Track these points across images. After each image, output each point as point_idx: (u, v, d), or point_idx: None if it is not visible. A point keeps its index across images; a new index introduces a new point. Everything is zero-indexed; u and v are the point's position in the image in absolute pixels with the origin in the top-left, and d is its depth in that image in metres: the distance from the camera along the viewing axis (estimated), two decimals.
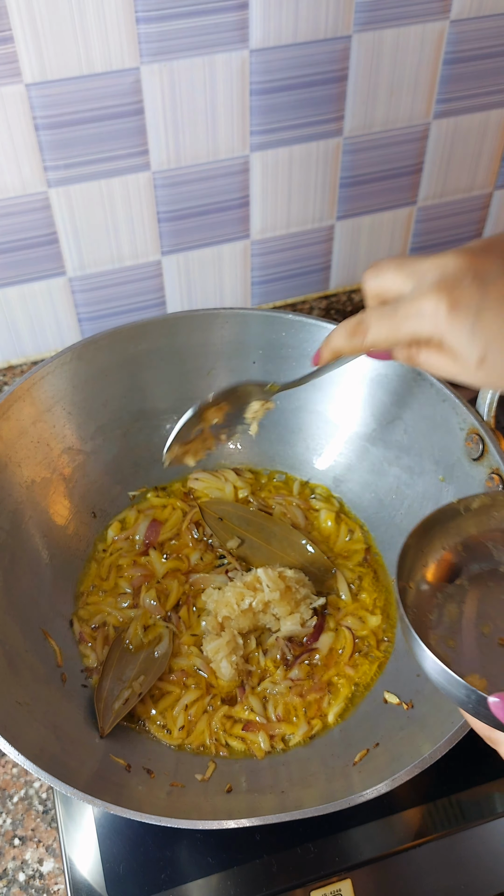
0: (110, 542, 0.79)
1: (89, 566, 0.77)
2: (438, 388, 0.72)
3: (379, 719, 0.67)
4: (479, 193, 1.00)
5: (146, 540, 0.78)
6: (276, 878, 0.63)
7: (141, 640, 0.72)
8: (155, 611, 0.73)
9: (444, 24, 0.83)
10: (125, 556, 0.77)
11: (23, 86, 0.73)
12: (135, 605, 0.74)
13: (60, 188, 0.81)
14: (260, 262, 0.96)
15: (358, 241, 0.99)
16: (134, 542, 0.79)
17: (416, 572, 0.51)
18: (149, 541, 0.78)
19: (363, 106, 0.86)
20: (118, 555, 0.78)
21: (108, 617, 0.73)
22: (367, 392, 0.78)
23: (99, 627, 0.73)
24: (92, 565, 0.77)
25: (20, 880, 0.68)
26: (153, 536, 0.79)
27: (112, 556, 0.77)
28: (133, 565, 0.77)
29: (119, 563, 0.77)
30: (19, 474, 0.72)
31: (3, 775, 0.73)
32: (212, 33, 0.76)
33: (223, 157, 0.85)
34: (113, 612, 0.73)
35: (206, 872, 0.63)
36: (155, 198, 0.86)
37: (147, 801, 0.59)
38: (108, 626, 0.73)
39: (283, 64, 0.80)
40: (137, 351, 0.78)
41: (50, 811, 0.71)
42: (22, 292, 0.88)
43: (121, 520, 0.80)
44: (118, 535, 0.79)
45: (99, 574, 0.77)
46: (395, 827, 0.65)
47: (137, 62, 0.75)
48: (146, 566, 0.77)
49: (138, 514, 0.80)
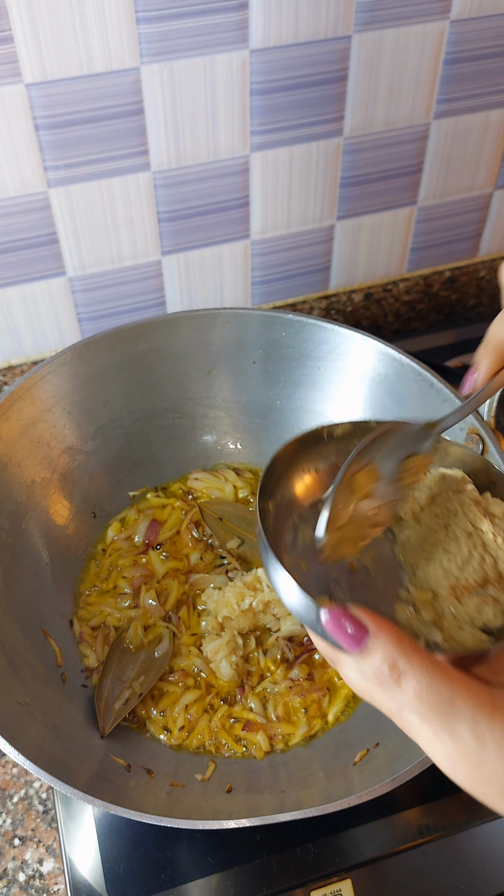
0: (110, 542, 0.79)
1: (89, 566, 0.77)
2: (439, 388, 0.72)
3: (379, 719, 0.67)
4: (479, 193, 1.00)
5: (146, 540, 0.78)
6: (276, 878, 0.63)
7: (141, 640, 0.72)
8: (155, 611, 0.74)
9: (444, 25, 0.83)
10: (125, 556, 0.77)
11: (23, 86, 0.73)
12: (135, 605, 0.74)
13: (60, 188, 0.81)
14: (260, 262, 0.97)
15: (358, 241, 0.99)
16: (133, 542, 0.79)
17: (278, 493, 0.50)
18: (148, 541, 0.78)
19: (363, 106, 0.86)
20: (118, 555, 0.78)
21: (109, 617, 0.73)
22: (367, 392, 0.78)
23: (99, 627, 0.73)
24: (92, 565, 0.77)
25: (20, 880, 0.68)
26: (153, 536, 0.79)
27: (111, 557, 0.77)
28: (133, 565, 0.77)
29: (119, 563, 0.77)
30: (19, 474, 0.72)
31: (3, 775, 0.73)
32: (212, 33, 0.76)
33: (223, 157, 0.85)
34: (113, 612, 0.73)
35: (206, 872, 0.63)
36: (155, 198, 0.86)
37: (147, 801, 0.59)
38: (108, 626, 0.73)
39: (284, 64, 0.80)
40: (138, 351, 0.78)
41: (50, 811, 0.71)
42: (22, 292, 0.88)
43: (120, 519, 0.80)
44: (118, 534, 0.79)
45: (98, 574, 0.77)
46: (395, 827, 0.65)
47: (137, 62, 0.75)
48: (146, 566, 0.77)
49: (138, 514, 0.80)
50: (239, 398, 0.83)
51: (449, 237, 1.04)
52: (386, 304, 1.08)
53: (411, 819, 0.66)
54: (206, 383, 0.82)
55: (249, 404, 0.83)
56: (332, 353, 0.78)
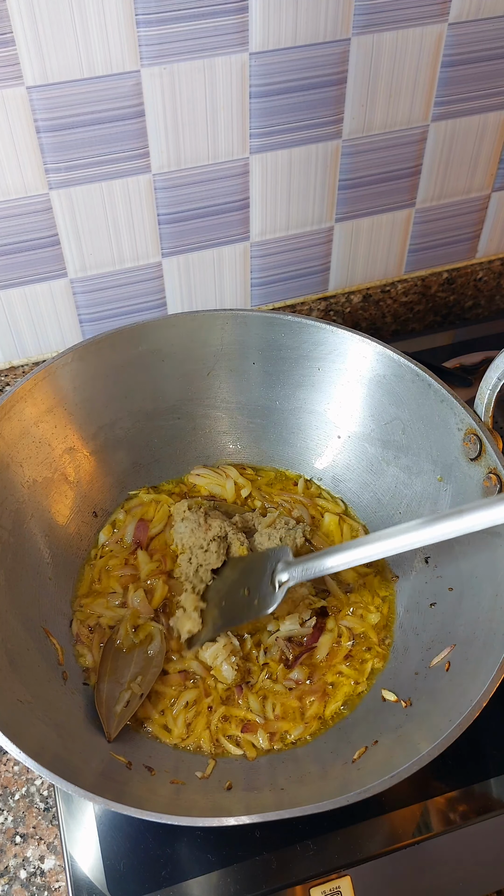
0: (101, 547, 0.78)
1: (84, 571, 0.77)
2: (436, 388, 0.72)
3: (377, 717, 0.67)
4: (477, 195, 1.01)
5: (136, 539, 0.78)
6: (276, 876, 0.63)
7: (132, 640, 0.71)
8: (143, 609, 0.73)
9: (442, 27, 0.83)
10: (115, 557, 0.77)
11: (24, 88, 0.74)
12: (123, 603, 0.74)
13: (62, 190, 0.82)
14: (259, 264, 0.97)
15: (357, 242, 1.00)
16: (124, 543, 0.78)
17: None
18: (139, 540, 0.78)
19: (362, 108, 0.87)
20: (109, 556, 0.77)
21: (101, 619, 0.73)
22: (366, 392, 0.79)
23: (95, 629, 0.73)
24: (87, 569, 0.77)
25: (21, 878, 0.68)
26: (142, 535, 0.78)
27: (102, 560, 0.77)
28: (123, 565, 0.76)
29: (109, 563, 0.77)
30: (21, 474, 0.73)
31: (5, 773, 0.74)
32: (212, 36, 0.76)
33: (223, 159, 0.85)
34: (105, 612, 0.73)
35: (207, 869, 0.63)
36: (155, 200, 0.86)
37: (148, 799, 0.59)
38: (102, 626, 0.73)
39: (283, 67, 0.81)
40: (138, 352, 0.79)
41: (51, 809, 0.72)
42: (24, 294, 0.89)
43: (112, 522, 0.80)
44: (109, 537, 0.79)
45: (93, 577, 0.76)
46: (394, 824, 0.66)
47: (138, 65, 0.76)
48: (136, 566, 0.76)
49: (126, 515, 0.80)
50: (239, 399, 0.84)
51: (447, 239, 1.04)
52: (384, 305, 1.08)
53: (410, 816, 0.66)
54: (206, 384, 0.82)
55: (249, 405, 0.84)
56: (331, 354, 0.79)
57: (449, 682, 0.63)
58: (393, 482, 0.79)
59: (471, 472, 0.70)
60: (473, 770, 0.68)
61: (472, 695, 0.57)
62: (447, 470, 0.73)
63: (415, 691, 0.66)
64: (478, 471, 0.69)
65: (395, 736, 0.63)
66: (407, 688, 0.67)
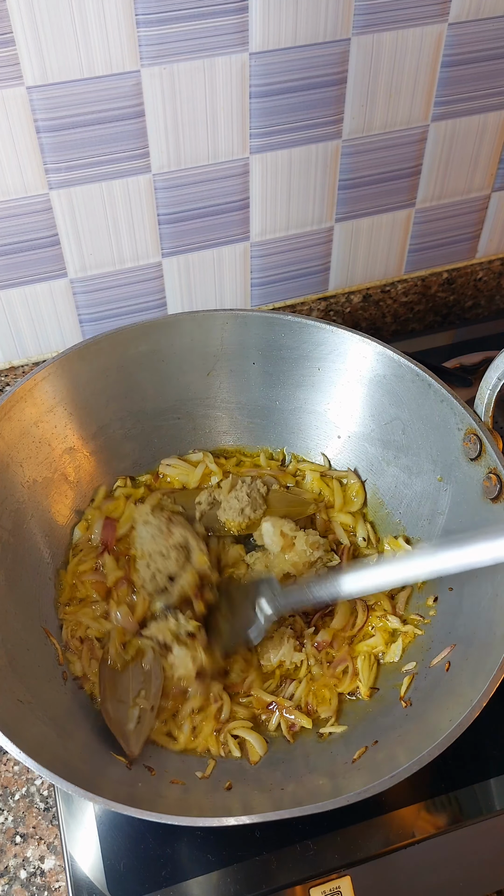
0: (75, 546, 0.76)
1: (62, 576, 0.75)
2: (436, 388, 0.72)
3: (378, 717, 0.67)
4: (477, 195, 1.01)
5: (103, 539, 0.76)
6: (276, 876, 0.63)
7: (123, 658, 0.69)
8: (126, 625, 0.71)
9: (442, 27, 0.83)
10: (84, 562, 0.75)
11: (24, 88, 0.74)
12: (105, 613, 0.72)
13: (62, 190, 0.82)
14: (259, 264, 0.97)
15: (357, 243, 1.00)
16: (94, 543, 0.76)
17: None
18: (106, 541, 0.76)
19: (362, 108, 0.87)
20: (79, 558, 0.75)
21: (89, 630, 0.71)
22: (366, 392, 0.79)
23: (84, 640, 0.71)
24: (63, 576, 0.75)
25: (21, 878, 0.68)
26: (109, 535, 0.76)
27: (74, 561, 0.75)
28: (94, 570, 0.74)
29: (79, 569, 0.74)
30: (21, 474, 0.73)
31: (5, 773, 0.74)
32: (212, 36, 0.76)
33: (223, 159, 0.85)
34: (91, 623, 0.71)
35: (207, 870, 0.63)
36: (155, 200, 0.86)
37: (148, 799, 0.59)
38: (90, 638, 0.71)
39: (283, 67, 0.81)
40: (138, 352, 0.79)
41: (51, 808, 0.72)
42: (24, 294, 0.89)
43: (87, 519, 0.78)
44: (83, 533, 0.76)
45: (69, 583, 0.74)
46: (394, 824, 0.66)
47: (138, 65, 0.76)
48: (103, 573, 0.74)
49: (94, 513, 0.78)
50: (239, 399, 0.84)
51: (447, 239, 1.04)
52: (384, 305, 1.08)
53: (410, 816, 0.66)
54: (206, 384, 0.82)
55: (249, 405, 0.84)
56: (331, 354, 0.79)
57: (449, 682, 0.63)
58: (393, 482, 0.79)
59: (471, 472, 0.70)
60: (473, 770, 0.68)
61: (472, 695, 0.57)
62: (447, 470, 0.73)
63: (415, 691, 0.66)
64: (478, 471, 0.69)
65: (395, 736, 0.63)
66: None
